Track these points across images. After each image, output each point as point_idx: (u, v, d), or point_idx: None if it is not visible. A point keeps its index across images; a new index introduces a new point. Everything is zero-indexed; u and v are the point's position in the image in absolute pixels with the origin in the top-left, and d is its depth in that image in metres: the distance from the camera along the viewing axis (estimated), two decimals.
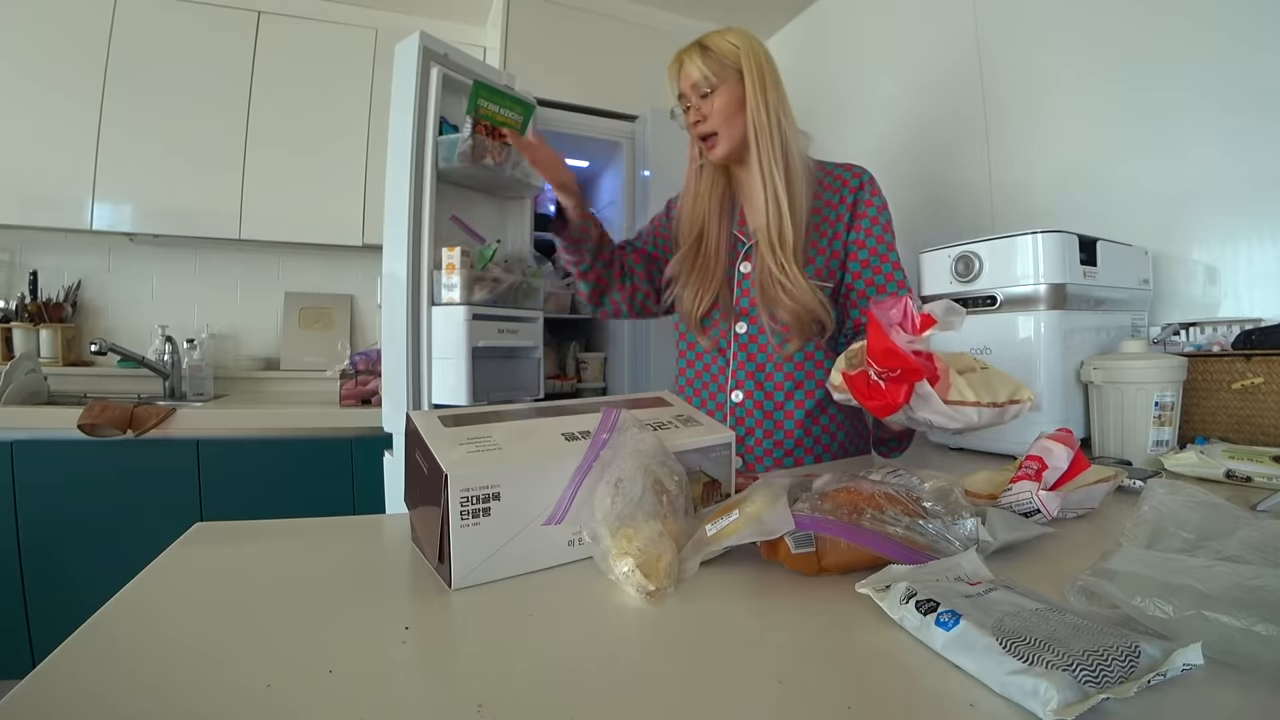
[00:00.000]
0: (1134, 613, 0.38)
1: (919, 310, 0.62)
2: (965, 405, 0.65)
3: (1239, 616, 0.35)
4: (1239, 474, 0.78)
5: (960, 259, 1.09)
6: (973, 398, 0.65)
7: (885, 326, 0.61)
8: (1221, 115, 1.15)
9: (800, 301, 0.97)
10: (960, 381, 0.65)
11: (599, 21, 2.26)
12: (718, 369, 1.07)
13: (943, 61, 1.76)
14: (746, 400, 1.04)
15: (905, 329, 0.61)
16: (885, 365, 0.62)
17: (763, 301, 1.01)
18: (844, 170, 1.07)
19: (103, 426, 1.67)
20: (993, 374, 0.69)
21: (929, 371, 0.62)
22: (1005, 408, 0.67)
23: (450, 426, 0.55)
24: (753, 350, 1.04)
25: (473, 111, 1.50)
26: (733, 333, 1.05)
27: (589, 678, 0.36)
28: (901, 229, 1.64)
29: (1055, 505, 0.61)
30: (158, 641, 0.40)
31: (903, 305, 0.62)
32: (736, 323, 1.05)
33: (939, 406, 0.64)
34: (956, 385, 0.65)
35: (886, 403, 0.64)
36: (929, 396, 0.64)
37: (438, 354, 1.50)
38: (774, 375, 1.04)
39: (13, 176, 1.95)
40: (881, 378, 0.64)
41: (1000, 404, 0.66)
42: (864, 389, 0.66)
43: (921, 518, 0.50)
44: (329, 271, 2.51)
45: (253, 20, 2.17)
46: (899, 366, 0.62)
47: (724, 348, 1.06)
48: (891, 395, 0.63)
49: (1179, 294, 1.22)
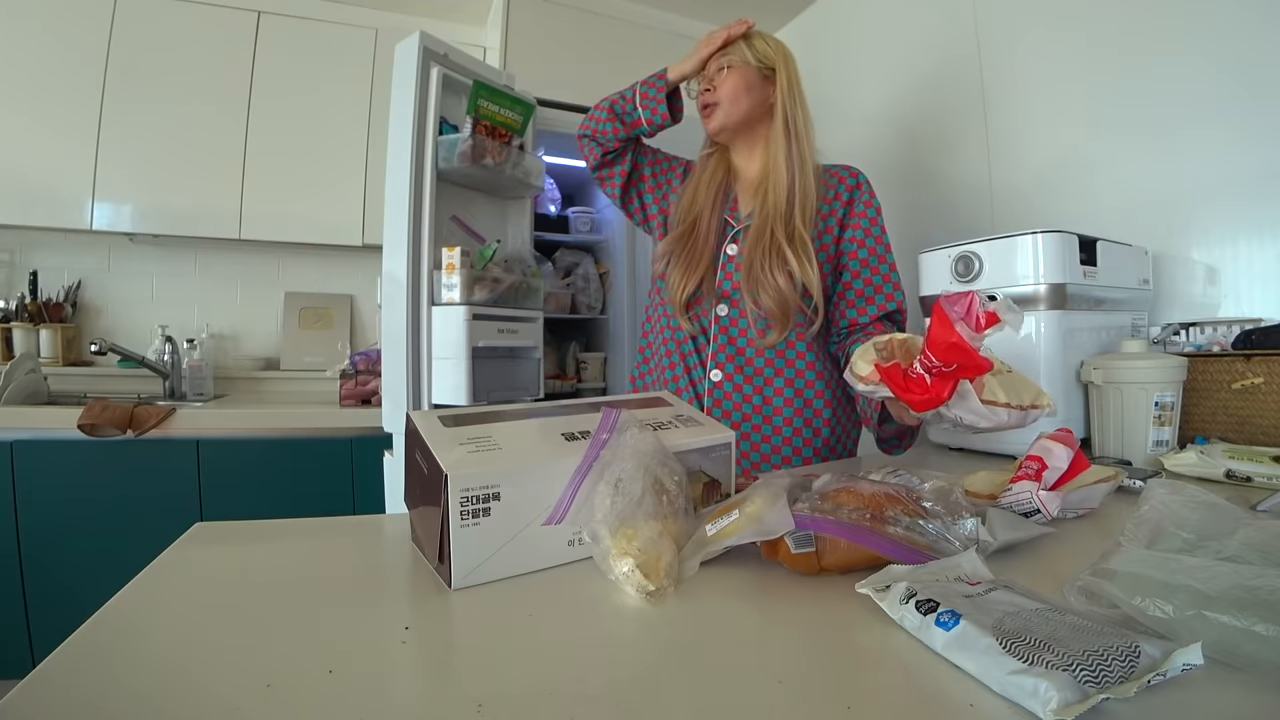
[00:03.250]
0: (1134, 613, 0.38)
1: (984, 309, 0.60)
2: (997, 405, 0.64)
3: (1239, 616, 0.35)
4: (1239, 474, 0.78)
5: (960, 259, 1.09)
6: (1004, 399, 0.65)
7: (952, 320, 0.60)
8: (1222, 115, 1.15)
9: (784, 291, 0.99)
10: (993, 382, 0.65)
11: (599, 21, 2.26)
12: (696, 348, 1.08)
13: (943, 61, 1.76)
14: (725, 382, 1.05)
15: (968, 324, 0.60)
16: (946, 359, 0.61)
17: (747, 285, 1.02)
18: (839, 170, 1.09)
19: (103, 426, 1.67)
20: (1017, 377, 0.69)
21: (987, 367, 0.61)
22: (1029, 411, 0.66)
23: (450, 426, 0.55)
24: (733, 334, 1.05)
25: (473, 111, 1.50)
26: (714, 314, 1.06)
27: (589, 678, 0.36)
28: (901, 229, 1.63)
29: (1055, 505, 0.61)
30: (158, 641, 0.40)
31: (969, 301, 0.61)
32: (718, 304, 1.06)
33: (975, 405, 0.64)
34: (990, 386, 0.65)
35: (930, 397, 0.63)
36: (967, 394, 0.63)
37: (438, 354, 1.50)
38: (754, 360, 1.04)
39: (13, 176, 1.95)
40: (930, 371, 0.62)
41: (1025, 407, 0.66)
42: (901, 381, 0.65)
43: (921, 518, 0.50)
44: (329, 271, 2.50)
45: (253, 20, 2.16)
46: (958, 361, 0.60)
47: (705, 327, 1.07)
48: (937, 390, 0.62)
49: (1179, 294, 1.22)
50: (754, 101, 1.05)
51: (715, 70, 1.06)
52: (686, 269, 1.06)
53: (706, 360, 1.07)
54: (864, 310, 1.02)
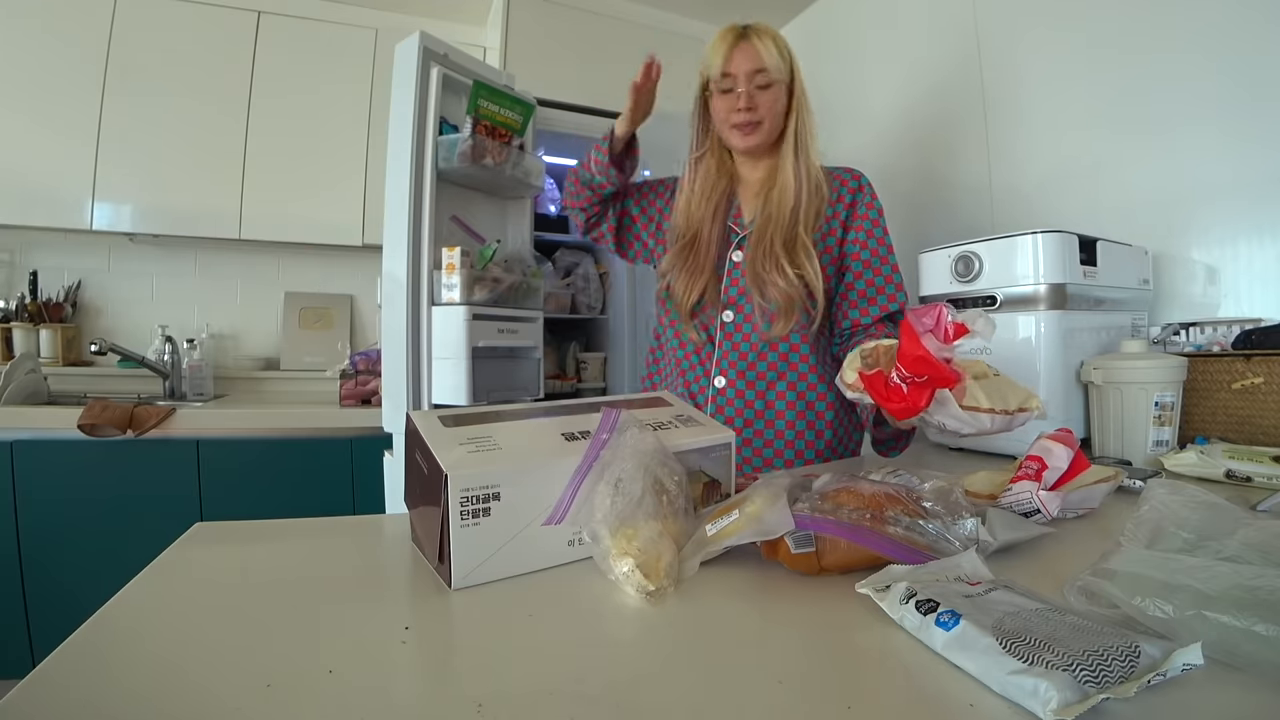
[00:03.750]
0: (1134, 613, 0.38)
1: (953, 319, 0.62)
2: (979, 411, 0.66)
3: (1239, 617, 0.35)
4: (1239, 474, 0.78)
5: (960, 259, 1.09)
6: (986, 404, 0.66)
7: (919, 333, 0.62)
8: (1221, 115, 1.15)
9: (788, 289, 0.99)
10: (975, 387, 0.66)
11: (599, 21, 2.26)
12: (702, 356, 1.08)
13: (943, 61, 1.76)
14: (729, 388, 1.05)
15: (937, 336, 0.62)
16: (915, 371, 0.63)
17: (754, 283, 1.02)
18: (841, 172, 1.09)
19: (103, 426, 1.67)
20: (1004, 381, 0.70)
21: (954, 379, 0.63)
22: (1015, 415, 0.67)
23: (451, 426, 0.55)
24: (737, 339, 1.05)
25: (473, 111, 1.50)
26: (719, 320, 1.06)
27: (588, 678, 0.36)
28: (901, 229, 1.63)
29: (1055, 505, 0.61)
30: (158, 642, 0.40)
31: (937, 313, 0.62)
32: (723, 311, 1.06)
33: (955, 411, 0.65)
34: (971, 391, 0.66)
35: (908, 406, 0.65)
36: (946, 401, 0.65)
37: (438, 354, 1.50)
38: (756, 364, 1.04)
39: (13, 176, 1.94)
40: (905, 381, 0.64)
41: (1011, 411, 0.67)
42: (883, 390, 0.67)
43: (922, 518, 0.50)
44: (329, 271, 2.50)
45: (252, 20, 2.16)
46: (927, 373, 0.62)
47: (711, 335, 1.07)
48: (914, 399, 0.64)
49: (1179, 294, 1.22)
50: (791, 114, 1.04)
51: (754, 87, 1.00)
52: (690, 278, 1.06)
53: (711, 369, 1.07)
54: (866, 311, 1.02)
